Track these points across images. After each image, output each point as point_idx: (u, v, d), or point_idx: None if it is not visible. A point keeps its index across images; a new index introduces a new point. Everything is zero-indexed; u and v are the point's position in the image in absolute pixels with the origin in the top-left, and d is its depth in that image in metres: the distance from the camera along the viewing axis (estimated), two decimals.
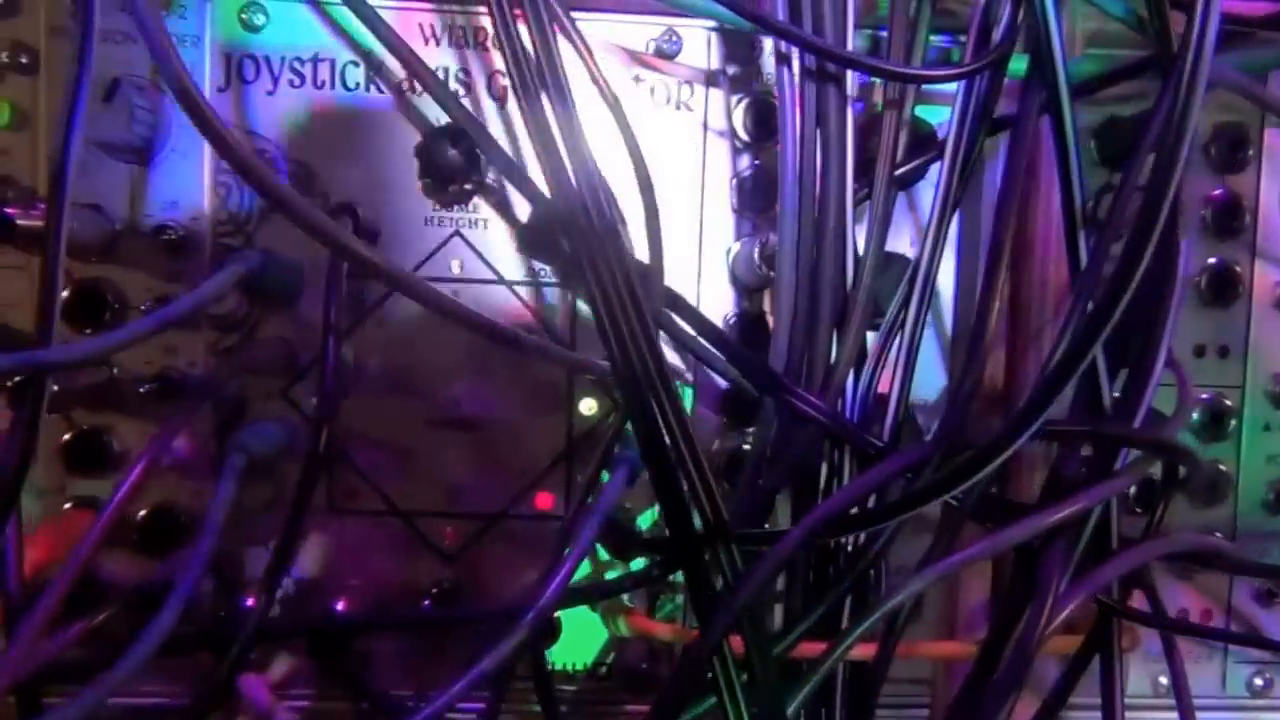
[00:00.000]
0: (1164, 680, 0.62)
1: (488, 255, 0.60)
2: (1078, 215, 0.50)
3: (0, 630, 0.46)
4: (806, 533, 0.43)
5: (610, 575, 0.59)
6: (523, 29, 0.45)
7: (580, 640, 0.61)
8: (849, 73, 0.54)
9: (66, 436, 0.56)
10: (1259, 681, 0.65)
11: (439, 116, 0.57)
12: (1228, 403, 0.63)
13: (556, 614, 0.56)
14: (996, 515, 0.49)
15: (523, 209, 0.59)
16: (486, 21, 0.58)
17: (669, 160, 0.60)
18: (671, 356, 0.60)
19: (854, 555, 0.48)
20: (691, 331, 0.56)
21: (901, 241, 0.60)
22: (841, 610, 0.49)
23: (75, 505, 0.57)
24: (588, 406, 0.60)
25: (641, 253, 0.56)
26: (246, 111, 0.58)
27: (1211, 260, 0.62)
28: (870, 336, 0.55)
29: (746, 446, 0.61)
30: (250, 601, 0.49)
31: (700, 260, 0.60)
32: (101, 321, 0.56)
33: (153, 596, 0.50)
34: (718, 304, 0.61)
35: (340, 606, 0.54)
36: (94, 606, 0.54)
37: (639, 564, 0.57)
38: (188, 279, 0.57)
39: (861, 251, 0.55)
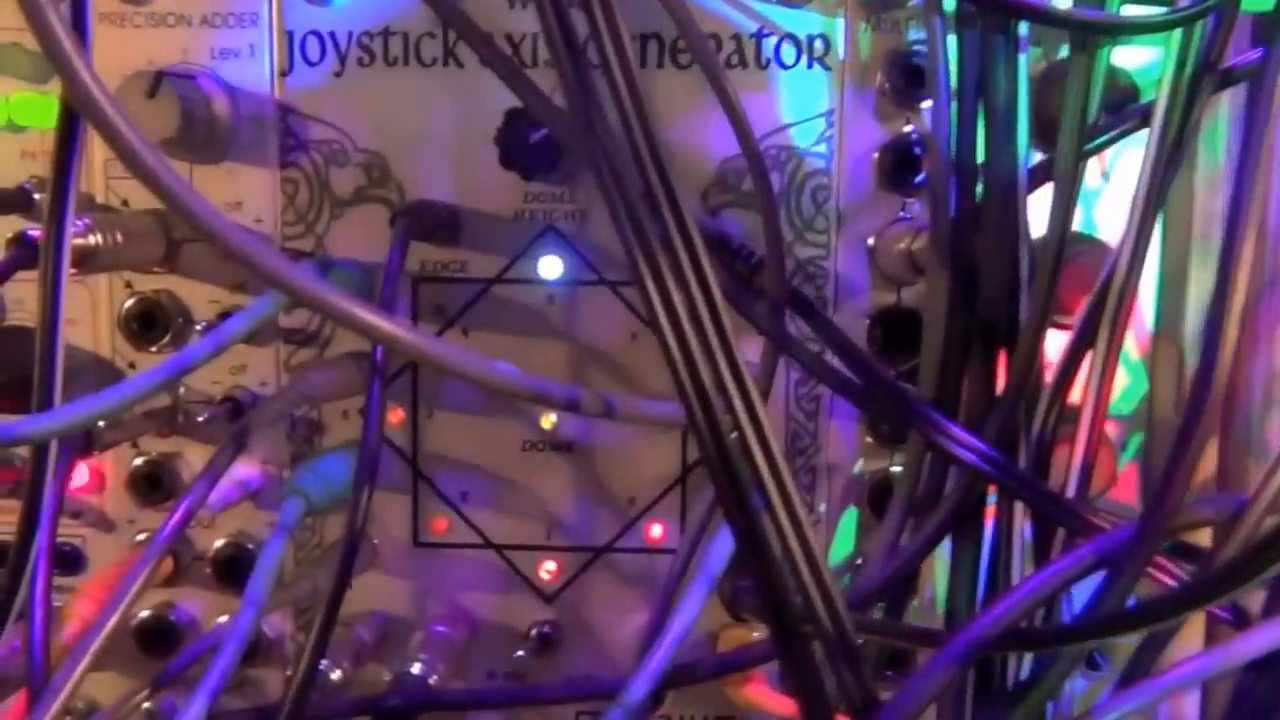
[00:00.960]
0: None
1: (586, 251, 0.51)
2: None
3: None
4: (968, 650, 0.32)
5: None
6: None
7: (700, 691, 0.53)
8: None
9: (137, 462, 0.52)
10: None
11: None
12: None
13: None
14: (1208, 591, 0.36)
15: None
16: None
17: (796, 129, 0.49)
18: None
19: (1030, 677, 0.37)
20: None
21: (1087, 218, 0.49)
22: None
23: (149, 538, 0.52)
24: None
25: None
26: (313, 97, 0.51)
27: None
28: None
29: (897, 468, 0.51)
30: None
31: (835, 249, 0.50)
32: (165, 337, 0.51)
33: None
34: (856, 305, 0.50)
35: (416, 668, 0.47)
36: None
37: None
38: (254, 288, 0.51)
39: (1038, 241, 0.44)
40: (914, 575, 0.46)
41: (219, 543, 0.52)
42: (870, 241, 0.50)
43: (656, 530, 0.53)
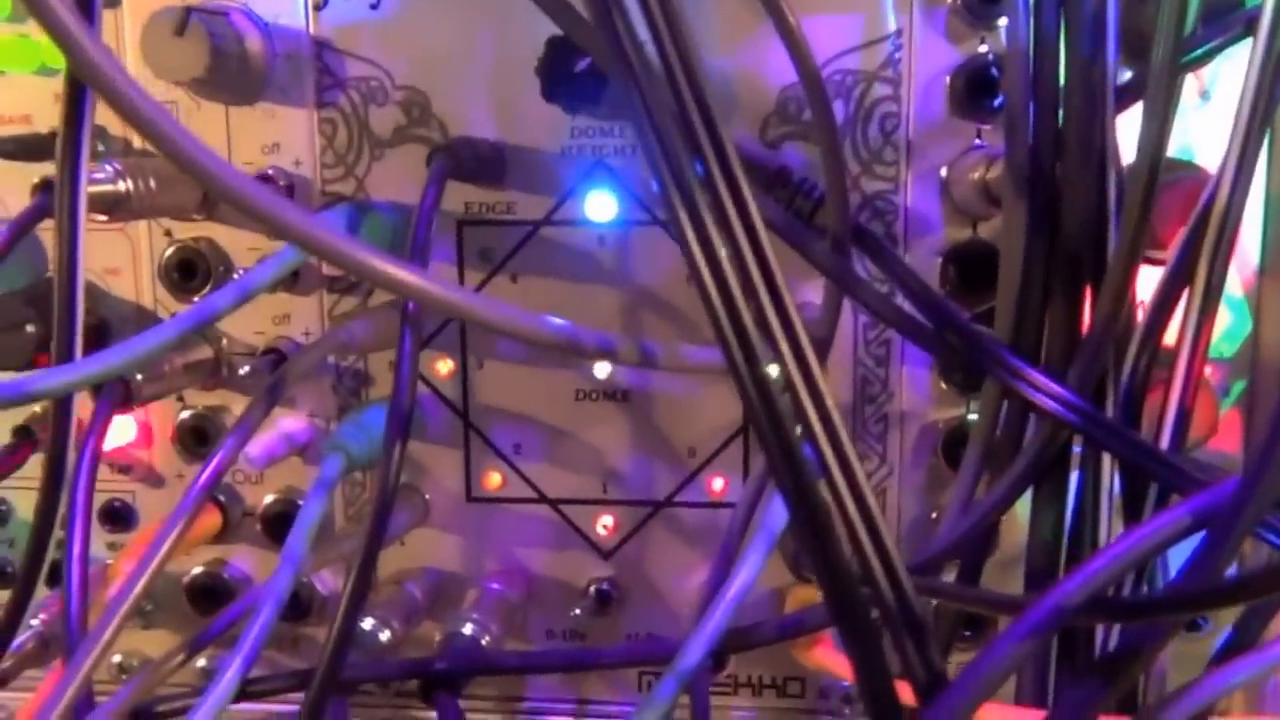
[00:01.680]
0: None
1: (638, 189, 0.48)
2: None
3: None
4: (1047, 621, 0.29)
5: None
6: None
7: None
8: None
9: (183, 415, 0.51)
10: None
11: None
12: None
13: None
14: None
15: None
16: None
17: (862, 53, 0.46)
18: None
19: (1121, 646, 0.33)
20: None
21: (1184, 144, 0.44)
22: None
23: None
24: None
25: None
26: (349, 31, 0.48)
27: None
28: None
29: (973, 416, 0.48)
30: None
31: (905, 181, 0.47)
32: (206, 286, 0.50)
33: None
34: (928, 242, 0.47)
35: (467, 629, 0.45)
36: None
37: None
38: None
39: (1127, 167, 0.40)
40: (991, 532, 0.42)
41: (269, 499, 0.51)
42: (943, 173, 0.46)
43: (718, 483, 0.50)
